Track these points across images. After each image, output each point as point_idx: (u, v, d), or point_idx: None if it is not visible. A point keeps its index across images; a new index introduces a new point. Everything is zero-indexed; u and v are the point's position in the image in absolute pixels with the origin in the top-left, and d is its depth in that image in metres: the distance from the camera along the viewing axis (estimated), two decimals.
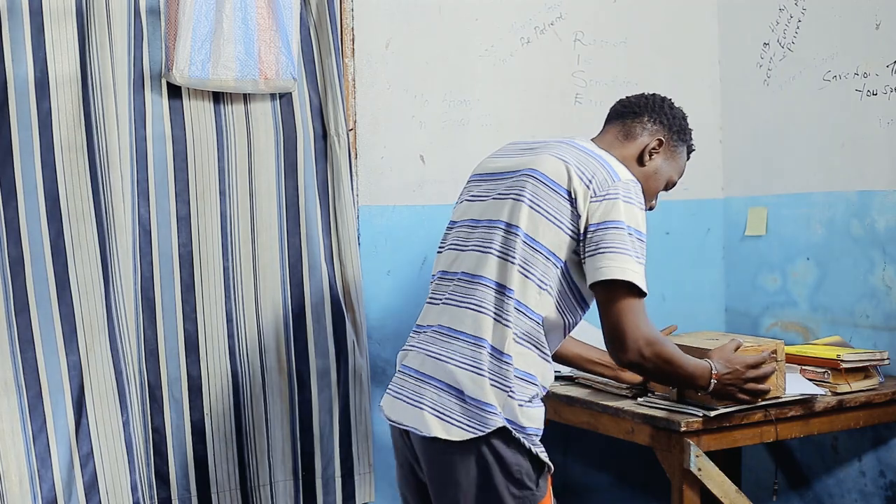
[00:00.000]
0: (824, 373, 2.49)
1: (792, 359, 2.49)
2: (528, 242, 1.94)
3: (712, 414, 2.23)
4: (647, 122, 2.17)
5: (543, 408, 1.95)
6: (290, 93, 2.65)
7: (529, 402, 1.90)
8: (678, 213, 3.23)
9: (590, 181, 1.94)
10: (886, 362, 2.57)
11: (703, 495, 2.29)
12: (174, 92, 2.54)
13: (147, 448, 2.50)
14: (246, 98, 2.62)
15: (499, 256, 1.96)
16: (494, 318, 1.93)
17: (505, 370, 1.89)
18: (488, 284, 1.95)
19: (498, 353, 1.90)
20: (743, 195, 3.23)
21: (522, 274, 1.93)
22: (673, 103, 2.24)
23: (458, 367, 1.91)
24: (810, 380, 2.47)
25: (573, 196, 1.93)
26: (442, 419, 1.89)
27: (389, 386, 2.06)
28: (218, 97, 2.60)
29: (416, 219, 2.88)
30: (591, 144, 2.10)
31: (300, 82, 2.66)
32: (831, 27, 2.87)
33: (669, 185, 2.23)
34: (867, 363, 2.53)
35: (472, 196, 2.13)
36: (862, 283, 2.80)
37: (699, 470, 2.25)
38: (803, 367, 2.53)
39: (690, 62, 3.27)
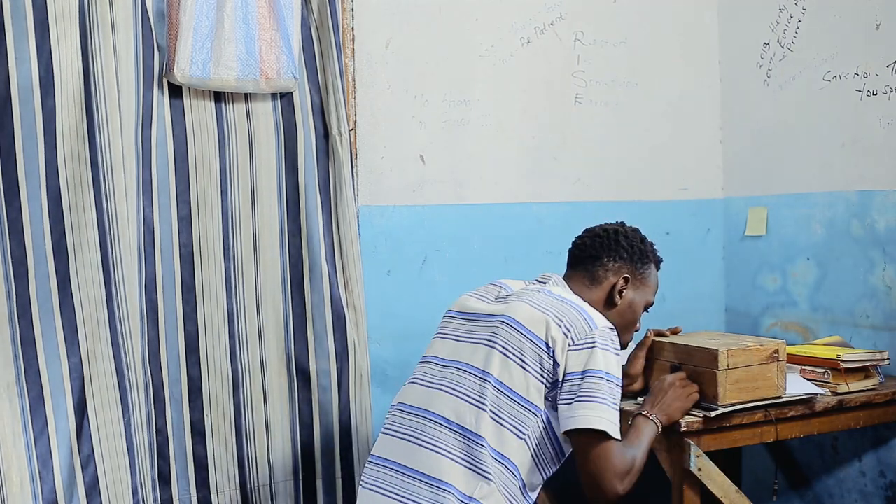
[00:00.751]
0: (824, 373, 2.49)
1: (792, 359, 2.49)
2: (501, 390, 1.96)
3: (712, 414, 2.23)
4: (608, 263, 2.19)
5: None
6: (291, 92, 2.65)
7: None
8: (678, 213, 3.24)
9: (568, 330, 1.97)
10: (886, 362, 2.57)
11: (703, 495, 2.29)
12: (175, 92, 2.54)
13: (151, 449, 2.49)
14: (247, 98, 2.62)
15: (469, 402, 1.97)
16: (470, 469, 1.93)
17: None
18: (455, 430, 1.96)
19: (467, 499, 1.91)
20: (743, 195, 3.23)
21: (496, 422, 1.95)
22: (627, 231, 2.24)
23: None
24: (810, 380, 2.47)
25: (551, 345, 1.96)
26: None
27: None
28: (219, 97, 2.59)
29: (416, 219, 2.88)
30: (565, 290, 2.13)
31: (301, 81, 2.66)
32: (831, 27, 2.87)
33: (647, 307, 2.27)
34: (867, 363, 2.53)
35: (447, 334, 2.14)
36: (862, 283, 2.80)
37: (699, 470, 2.25)
38: (803, 367, 2.53)
39: (690, 62, 3.27)
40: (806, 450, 2.98)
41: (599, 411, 1.92)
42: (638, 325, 2.26)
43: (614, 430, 1.94)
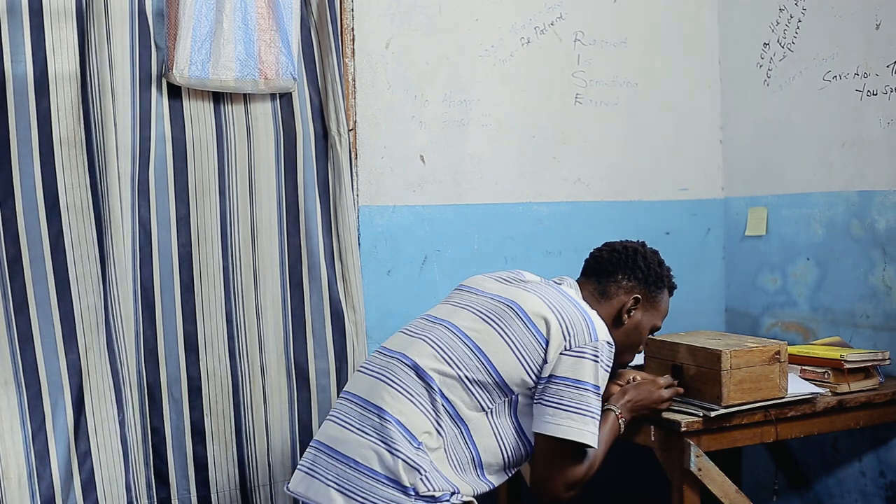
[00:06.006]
0: (824, 373, 2.49)
1: (793, 359, 2.49)
2: (482, 361, 1.98)
3: (712, 414, 2.23)
4: (621, 281, 2.18)
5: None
6: (290, 93, 2.64)
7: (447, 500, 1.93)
8: (678, 213, 3.24)
9: (569, 333, 1.98)
10: (887, 362, 2.57)
11: (703, 495, 2.29)
12: (174, 92, 2.53)
13: (146, 448, 2.50)
14: (246, 98, 2.61)
15: (444, 358, 1.99)
16: (425, 415, 1.95)
17: (424, 459, 1.92)
18: (421, 375, 1.98)
19: (417, 443, 1.92)
20: (743, 195, 3.23)
21: (464, 385, 1.97)
22: (646, 252, 2.23)
23: (376, 445, 1.93)
24: (810, 380, 2.47)
25: (547, 341, 1.97)
26: (347, 496, 1.92)
27: (301, 462, 2.06)
28: (218, 97, 2.59)
29: (416, 219, 2.87)
30: (577, 295, 2.13)
31: (300, 82, 2.66)
32: (831, 27, 2.87)
33: (653, 331, 2.26)
34: (870, 363, 2.53)
35: (452, 301, 2.17)
36: (862, 283, 2.80)
37: (699, 470, 2.25)
38: (803, 368, 2.53)
39: (690, 62, 3.27)
40: (806, 450, 2.98)
41: (584, 424, 1.95)
42: (641, 347, 2.25)
43: (594, 443, 1.98)
